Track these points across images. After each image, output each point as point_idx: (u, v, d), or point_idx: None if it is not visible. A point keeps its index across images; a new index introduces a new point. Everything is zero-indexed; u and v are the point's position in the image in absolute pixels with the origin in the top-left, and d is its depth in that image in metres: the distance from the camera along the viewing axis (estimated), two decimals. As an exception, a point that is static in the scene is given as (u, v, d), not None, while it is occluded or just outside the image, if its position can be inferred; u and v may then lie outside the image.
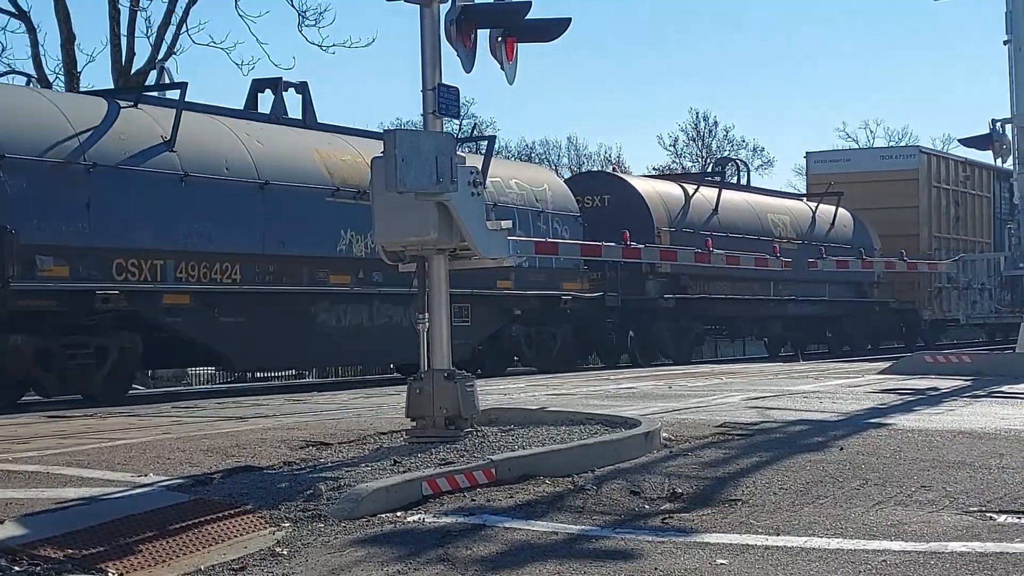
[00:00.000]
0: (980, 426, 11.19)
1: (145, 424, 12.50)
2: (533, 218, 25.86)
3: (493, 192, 23.68)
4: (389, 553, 6.49)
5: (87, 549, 6.45)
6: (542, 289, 25.98)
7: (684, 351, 31.28)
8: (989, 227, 43.57)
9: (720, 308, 32.33)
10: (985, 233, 43.49)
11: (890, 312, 39.55)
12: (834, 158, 42.86)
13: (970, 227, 42.51)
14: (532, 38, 10.77)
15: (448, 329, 10.18)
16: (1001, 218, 43.09)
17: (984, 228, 43.47)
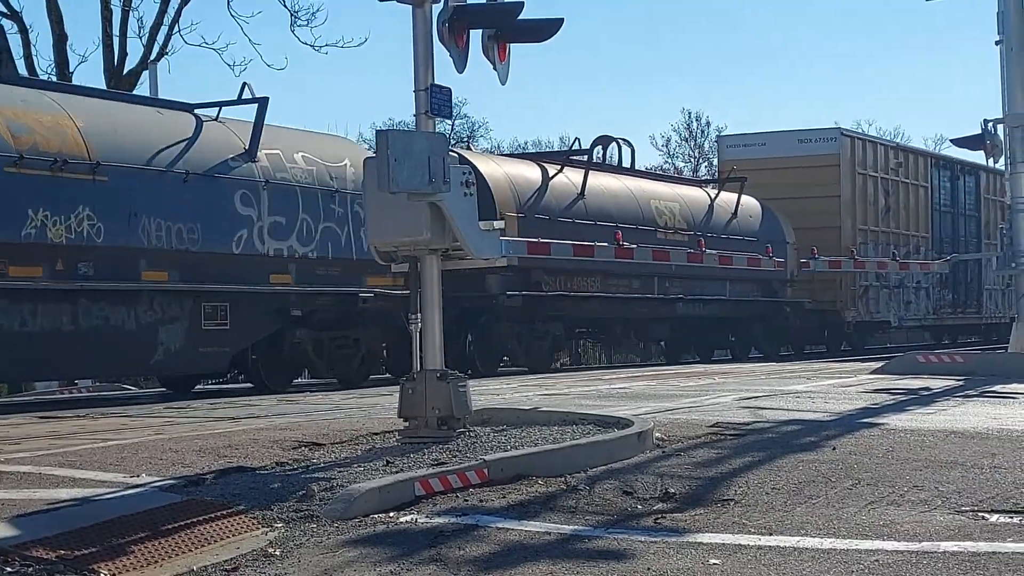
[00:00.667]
0: (972, 426, 11.21)
1: (137, 424, 12.49)
2: (325, 199, 20.89)
3: (268, 167, 19.98)
4: (382, 553, 6.49)
5: (79, 550, 6.44)
6: (336, 285, 20.96)
7: (538, 359, 26.48)
8: (926, 219, 40.10)
9: (587, 308, 27.27)
10: (921, 226, 39.92)
11: (806, 313, 35.03)
12: (747, 142, 37.36)
13: (903, 219, 38.75)
14: (524, 38, 10.77)
15: (440, 329, 10.18)
16: (940, 210, 41.01)
17: (920, 221, 39.83)
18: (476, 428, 10.33)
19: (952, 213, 42.09)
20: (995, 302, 44.48)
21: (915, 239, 39.27)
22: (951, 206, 42.08)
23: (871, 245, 36.22)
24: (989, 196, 43.44)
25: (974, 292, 43.07)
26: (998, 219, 40.27)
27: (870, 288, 36.51)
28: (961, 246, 41.66)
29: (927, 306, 40.04)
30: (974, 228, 43.57)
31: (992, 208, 43.45)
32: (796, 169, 35.38)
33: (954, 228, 42.23)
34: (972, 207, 43.41)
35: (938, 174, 41.57)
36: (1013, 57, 19.35)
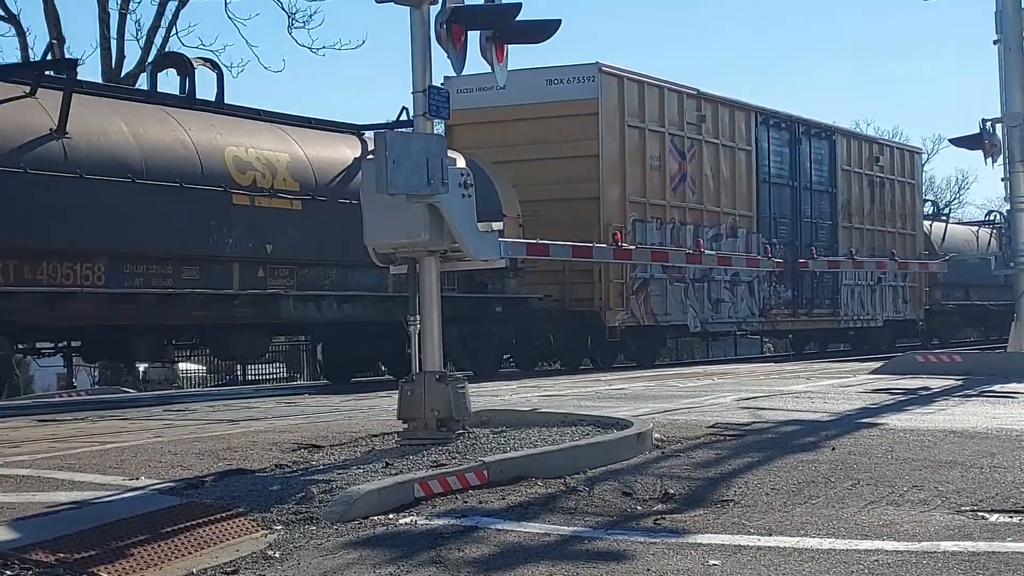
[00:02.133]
0: (971, 425, 11.21)
1: (136, 427, 12.48)
2: None
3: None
4: (381, 555, 6.49)
5: (79, 553, 6.44)
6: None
7: None
8: (750, 193, 32.08)
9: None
10: (742, 202, 31.69)
11: (538, 315, 26.03)
12: (484, 84, 25.31)
13: (710, 192, 30.23)
14: (522, 40, 10.77)
15: (439, 331, 10.18)
16: (772, 182, 33.05)
17: (740, 195, 31.55)
18: (475, 430, 10.32)
19: (791, 187, 34.14)
20: (859, 301, 37.72)
21: (731, 218, 31.14)
22: (789, 178, 34.07)
23: (653, 224, 28.32)
24: (851, 167, 37.24)
25: (827, 289, 35.92)
26: (867, 196, 37.81)
27: (651, 281, 28.36)
28: (806, 229, 34.77)
29: (750, 305, 32.24)
30: (827, 207, 35.92)
31: (856, 183, 37.69)
32: (542, 121, 26.89)
33: (795, 206, 34.28)
34: (823, 180, 35.82)
35: (767, 135, 33.13)
36: (1011, 57, 19.36)
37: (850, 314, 37.11)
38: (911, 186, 41.46)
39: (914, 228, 41.19)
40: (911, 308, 40.57)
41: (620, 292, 27.35)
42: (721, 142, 30.95)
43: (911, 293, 40.43)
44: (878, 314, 38.38)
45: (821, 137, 36.13)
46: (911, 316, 40.56)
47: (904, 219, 40.57)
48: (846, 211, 36.72)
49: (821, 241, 34.96)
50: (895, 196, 40.07)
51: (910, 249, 39.66)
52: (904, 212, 40.63)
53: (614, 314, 27.12)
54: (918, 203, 42.21)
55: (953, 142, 22.21)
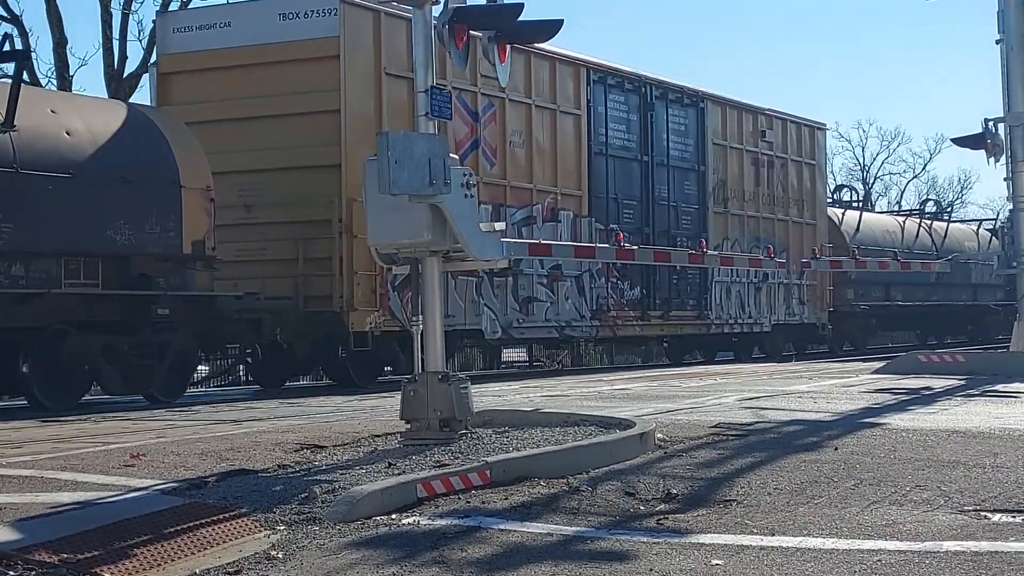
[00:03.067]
0: (974, 425, 11.20)
1: (139, 428, 12.49)
2: None
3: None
4: (384, 555, 6.49)
5: (82, 553, 6.44)
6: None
7: None
8: (578, 167, 25.86)
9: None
10: (567, 177, 25.49)
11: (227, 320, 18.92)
12: (206, 21, 21.81)
13: (521, 164, 24.31)
14: (525, 39, 10.79)
15: (442, 331, 10.18)
16: (610, 154, 26.64)
17: (566, 169, 25.39)
18: (478, 430, 10.33)
19: (640, 162, 27.71)
20: (738, 302, 31.45)
21: (550, 198, 25.05)
22: (639, 151, 27.54)
23: None
24: (726, 142, 30.79)
25: (692, 287, 29.76)
26: (750, 177, 31.59)
27: None
28: (662, 213, 28.44)
29: (578, 306, 25.78)
30: (693, 188, 29.61)
31: (735, 161, 31.17)
32: (273, 67, 21.15)
33: (646, 185, 27.88)
34: (686, 155, 29.31)
35: (604, 97, 26.73)
36: (1013, 56, 19.35)
37: (724, 317, 30.70)
38: (811, 167, 34.88)
39: (815, 216, 34.79)
40: (810, 310, 34.32)
41: (372, 288, 20.76)
42: (535, 102, 24.52)
43: (810, 293, 34.42)
44: (764, 317, 32.26)
45: (684, 103, 29.32)
46: (810, 319, 34.31)
47: (802, 205, 34.20)
48: (719, 194, 30.49)
49: (684, 229, 29.06)
50: (789, 178, 33.68)
51: (810, 241, 33.85)
52: (802, 198, 34.16)
53: (363, 316, 20.57)
54: (821, 187, 35.94)
55: (955, 141, 22.19)
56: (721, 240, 29.97)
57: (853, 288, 37.45)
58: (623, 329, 27.58)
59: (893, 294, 40.04)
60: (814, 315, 34.53)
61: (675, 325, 29.50)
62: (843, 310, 36.86)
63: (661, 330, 29.60)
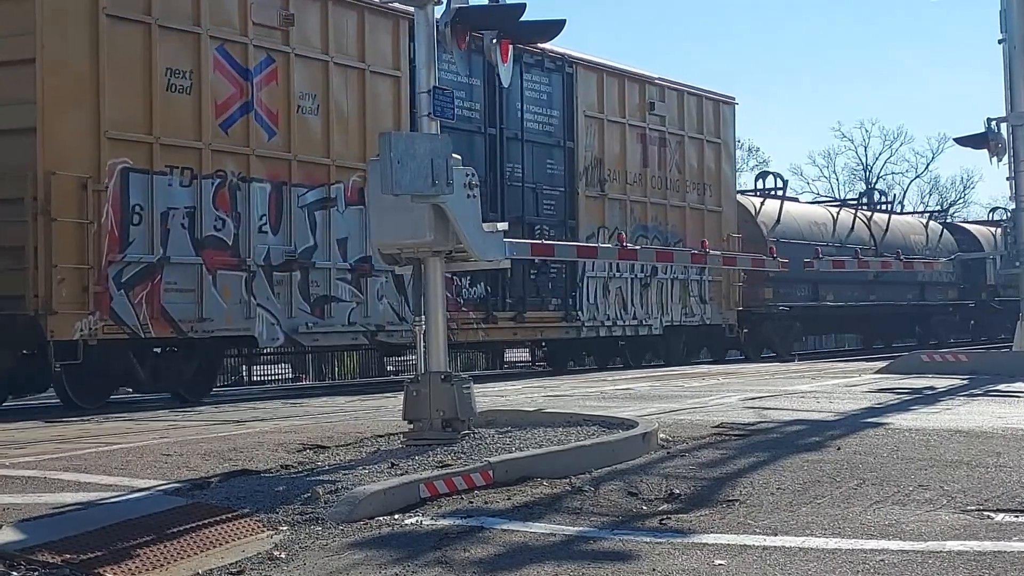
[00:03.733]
0: (977, 425, 11.20)
1: (142, 428, 12.50)
2: None
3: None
4: (387, 556, 6.49)
5: (84, 554, 6.44)
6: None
7: None
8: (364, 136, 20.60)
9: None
10: (353, 143, 20.58)
11: None
12: None
13: (316, 135, 19.98)
14: (527, 39, 10.80)
15: (445, 331, 10.18)
16: None
17: (357, 139, 20.53)
18: (480, 430, 10.33)
19: (484, 135, 23.41)
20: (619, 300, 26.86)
21: (360, 176, 19.78)
22: (482, 122, 23.27)
23: (172, 177, 17.74)
24: (602, 115, 26.50)
25: (556, 283, 25.22)
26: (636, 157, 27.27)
27: (166, 266, 17.57)
28: (514, 196, 24.03)
29: (396, 306, 21.20)
30: (559, 167, 25.24)
31: (615, 137, 26.91)
32: None
33: (493, 163, 23.46)
34: (549, 129, 25.05)
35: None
36: (1016, 56, 19.36)
37: (601, 318, 26.34)
38: (716, 146, 30.29)
39: (720, 203, 30.34)
40: (713, 310, 29.85)
41: (83, 285, 16.39)
42: (334, 59, 20.34)
43: (713, 290, 29.91)
44: (654, 318, 27.82)
45: (546, 68, 25.20)
46: (715, 320, 29.91)
47: (704, 190, 29.73)
48: (593, 175, 26.25)
49: (547, 215, 25.11)
50: (687, 159, 29.14)
51: (713, 230, 29.47)
52: (704, 181, 29.76)
53: (67, 321, 16.14)
54: (728, 169, 31.13)
55: (958, 141, 22.19)
56: (596, 229, 25.94)
57: (772, 286, 33.12)
58: (462, 334, 22.71)
59: (823, 293, 35.94)
60: (719, 316, 30.12)
61: (533, 328, 24.88)
62: (759, 311, 32.73)
63: (514, 334, 24.87)
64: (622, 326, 27.00)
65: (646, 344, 28.78)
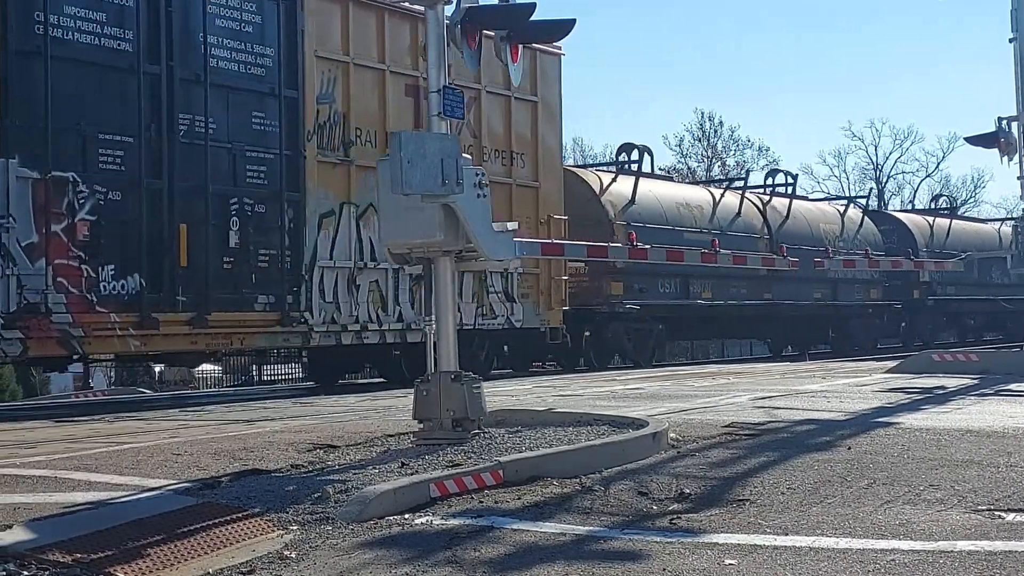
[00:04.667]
0: (988, 424, 11.18)
1: (152, 428, 12.52)
2: None
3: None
4: (397, 555, 6.49)
5: (95, 553, 6.45)
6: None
7: None
8: None
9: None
10: None
11: None
12: None
13: None
14: (537, 39, 10.79)
15: (455, 331, 10.19)
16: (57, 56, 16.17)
17: None
18: (490, 429, 10.33)
19: (144, 75, 17.31)
20: (372, 299, 20.68)
21: None
22: (141, 57, 17.26)
23: None
24: (347, 57, 20.50)
25: (269, 275, 19.14)
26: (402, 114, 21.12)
27: None
28: (194, 161, 17.94)
29: None
30: (273, 124, 19.16)
31: (368, 87, 20.81)
32: None
33: (158, 113, 17.55)
34: (257, 72, 19.00)
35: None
36: (1027, 55, 19.33)
37: (344, 320, 20.22)
38: (531, 106, 24.24)
39: (537, 177, 24.35)
40: (527, 310, 24.01)
41: None
42: None
43: (529, 285, 24.22)
44: (417, 319, 20.77)
45: None
46: (530, 322, 24.11)
47: (513, 160, 23.83)
48: (333, 135, 20.29)
49: (253, 185, 19.01)
50: (486, 121, 23.17)
51: (526, 210, 23.95)
52: (513, 149, 23.81)
53: None
54: (551, 135, 24.95)
55: (969, 140, 22.16)
56: (339, 205, 20.08)
57: (622, 280, 27.56)
58: (96, 343, 16.99)
59: (696, 290, 29.96)
60: (535, 317, 24.23)
61: (225, 335, 18.67)
62: (602, 311, 27.25)
63: (192, 343, 18.25)
64: (379, 331, 20.82)
65: None
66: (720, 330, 36.21)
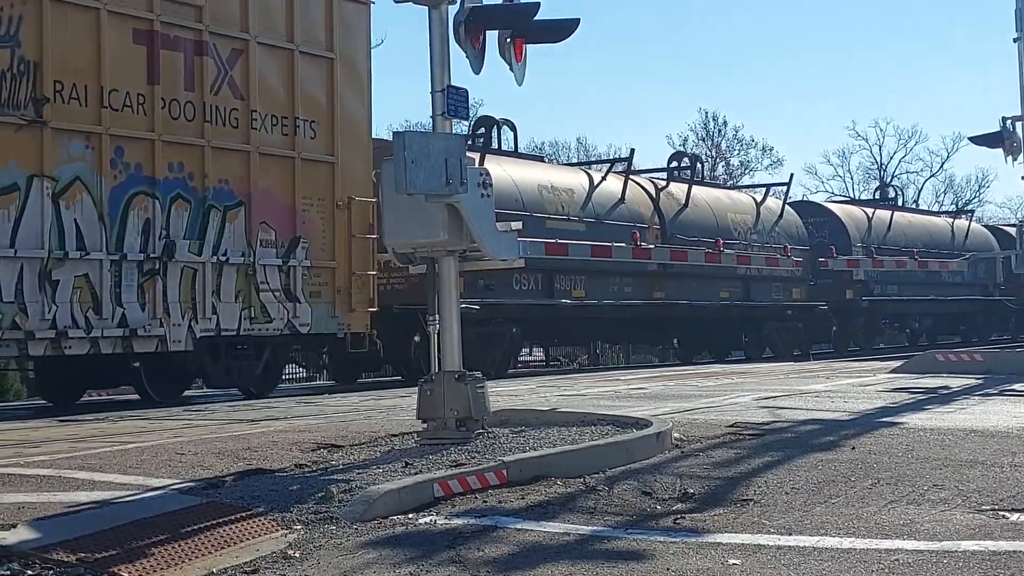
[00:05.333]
0: (992, 424, 11.18)
1: (156, 427, 12.52)
2: None
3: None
4: (401, 555, 6.50)
5: (99, 553, 6.46)
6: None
7: None
8: None
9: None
10: None
11: None
12: None
13: None
14: (541, 39, 10.78)
15: (458, 330, 10.19)
16: None
17: None
18: (494, 429, 10.33)
19: None
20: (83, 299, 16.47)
21: None
22: None
23: None
24: None
25: None
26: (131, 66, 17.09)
27: None
28: None
29: None
30: None
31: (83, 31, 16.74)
32: None
33: None
34: None
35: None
36: (1031, 54, 19.33)
37: (30, 327, 16.04)
38: (327, 64, 19.93)
39: (333, 151, 19.94)
40: (322, 311, 19.70)
41: None
42: None
43: (323, 281, 19.85)
44: (178, 324, 17.60)
45: None
46: (323, 326, 19.76)
47: (298, 129, 19.46)
48: (19, 89, 16.17)
49: None
50: (257, 79, 18.89)
51: (319, 189, 19.69)
52: (299, 116, 19.49)
53: None
54: (352, 101, 20.44)
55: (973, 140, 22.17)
56: (23, 178, 15.92)
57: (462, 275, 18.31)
58: None
59: (562, 287, 26.03)
60: (330, 320, 19.85)
61: None
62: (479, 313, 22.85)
63: None
64: (88, 339, 16.62)
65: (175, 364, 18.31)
66: (601, 334, 31.30)
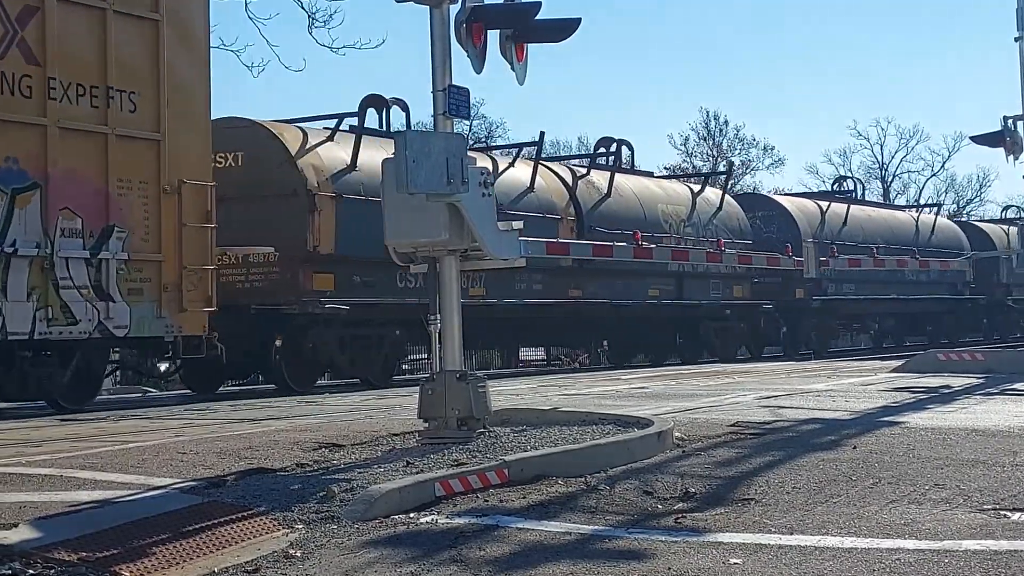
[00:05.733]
0: (993, 424, 11.17)
1: (157, 426, 12.52)
2: None
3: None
4: (402, 554, 6.50)
5: (100, 552, 6.46)
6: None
7: None
8: None
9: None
10: None
11: None
12: None
13: None
14: (542, 38, 10.78)
15: (460, 330, 10.19)
16: None
17: None
18: (496, 428, 10.33)
19: None
20: None
21: None
22: None
23: None
24: None
25: None
26: None
27: None
28: None
29: None
30: None
31: None
32: None
33: None
34: None
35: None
36: (1032, 53, 19.32)
37: None
38: (151, 26, 17.28)
39: (159, 127, 17.22)
40: (143, 312, 16.91)
41: None
42: None
43: (145, 276, 17.09)
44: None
45: None
46: (144, 330, 16.97)
47: (112, 101, 16.71)
48: None
49: None
50: (55, 39, 16.14)
51: (142, 171, 17.04)
52: (113, 86, 16.73)
53: None
54: (184, 68, 17.71)
55: (974, 139, 22.17)
56: None
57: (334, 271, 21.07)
58: None
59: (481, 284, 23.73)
60: (155, 321, 17.14)
61: None
62: (292, 311, 20.58)
63: None
64: None
65: None
66: (506, 336, 27.91)
